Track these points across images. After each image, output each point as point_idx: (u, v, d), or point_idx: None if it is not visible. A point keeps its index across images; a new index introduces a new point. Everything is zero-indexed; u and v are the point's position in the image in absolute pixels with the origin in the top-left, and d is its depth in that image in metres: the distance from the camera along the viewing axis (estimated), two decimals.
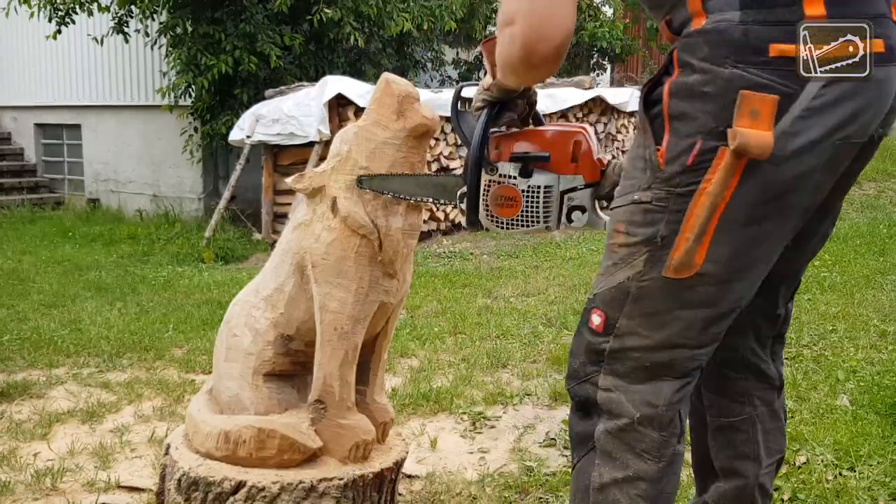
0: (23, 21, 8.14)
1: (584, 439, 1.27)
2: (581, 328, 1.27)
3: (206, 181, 8.29)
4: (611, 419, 1.22)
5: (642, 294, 1.18)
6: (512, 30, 1.15)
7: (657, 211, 1.14)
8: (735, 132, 1.04)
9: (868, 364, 3.20)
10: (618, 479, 1.21)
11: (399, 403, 2.79)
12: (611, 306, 1.21)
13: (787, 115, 1.05)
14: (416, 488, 2.17)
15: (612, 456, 1.22)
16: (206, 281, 5.27)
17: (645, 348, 1.20)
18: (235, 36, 6.82)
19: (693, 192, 1.10)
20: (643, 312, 1.19)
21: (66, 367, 3.27)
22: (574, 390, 1.28)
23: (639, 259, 1.16)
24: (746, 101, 1.04)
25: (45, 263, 5.87)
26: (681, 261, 1.13)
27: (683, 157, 1.10)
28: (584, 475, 1.26)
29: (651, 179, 1.14)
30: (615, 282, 1.20)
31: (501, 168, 1.39)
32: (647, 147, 1.14)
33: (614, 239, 1.20)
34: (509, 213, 1.40)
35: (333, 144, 1.74)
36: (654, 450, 1.21)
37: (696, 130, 1.09)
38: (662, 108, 1.12)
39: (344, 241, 1.67)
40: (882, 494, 2.09)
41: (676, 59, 1.12)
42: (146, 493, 2.12)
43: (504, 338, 3.74)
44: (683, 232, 1.12)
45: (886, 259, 5.49)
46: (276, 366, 1.78)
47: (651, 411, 1.20)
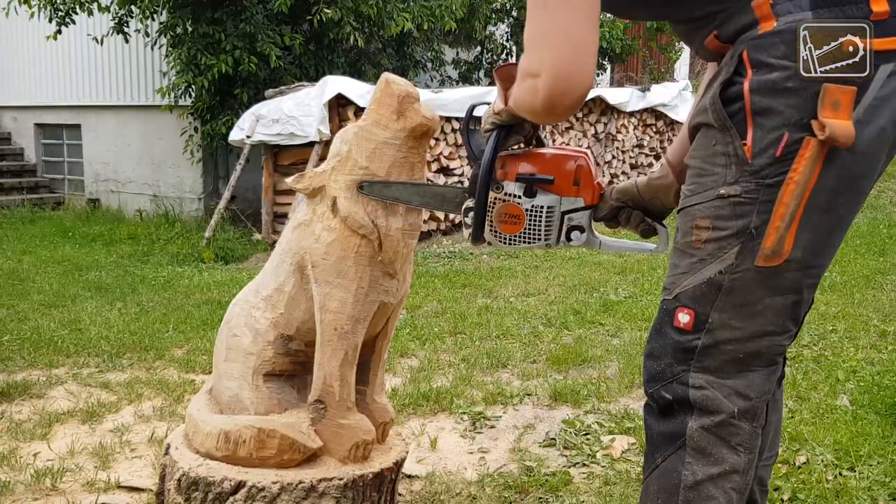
0: (23, 21, 8.14)
1: (668, 438, 1.27)
2: (662, 329, 1.28)
3: (206, 181, 8.29)
4: (705, 416, 1.24)
5: (735, 286, 1.21)
6: (536, 82, 1.20)
7: (747, 203, 1.18)
8: (822, 123, 1.11)
9: (868, 364, 3.20)
10: (713, 475, 1.23)
11: (399, 403, 2.79)
12: (700, 302, 1.23)
13: (861, 105, 1.12)
14: (416, 488, 2.17)
15: (707, 452, 1.24)
16: (206, 281, 5.27)
17: (737, 340, 1.22)
18: (235, 36, 6.82)
19: (781, 182, 1.15)
20: (735, 304, 1.21)
21: (66, 367, 3.27)
22: (658, 392, 1.28)
23: (730, 252, 1.20)
24: (829, 93, 1.11)
25: (45, 263, 5.87)
26: (773, 249, 1.18)
27: (772, 149, 1.15)
28: (670, 474, 1.26)
29: (738, 173, 1.18)
30: (704, 277, 1.22)
31: (507, 187, 1.46)
32: (730, 143, 1.18)
33: (696, 236, 1.23)
34: (513, 229, 1.47)
35: (333, 144, 1.74)
36: (748, 442, 1.24)
37: (782, 123, 1.14)
38: (744, 105, 1.16)
39: (344, 241, 1.67)
40: (882, 494, 2.09)
41: (748, 60, 1.16)
42: (146, 493, 2.12)
43: (504, 338, 3.74)
44: (774, 221, 1.17)
45: (886, 259, 5.49)
46: (276, 366, 1.78)
47: (746, 404, 1.24)
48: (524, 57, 1.23)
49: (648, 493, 1.31)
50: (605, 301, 4.42)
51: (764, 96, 1.15)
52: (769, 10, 1.15)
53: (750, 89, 1.15)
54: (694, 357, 1.24)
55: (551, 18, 1.17)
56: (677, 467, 1.25)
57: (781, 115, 1.14)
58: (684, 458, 1.25)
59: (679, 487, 1.25)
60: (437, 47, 9.11)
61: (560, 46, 1.17)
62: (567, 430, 2.59)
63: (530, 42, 1.21)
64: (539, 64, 1.19)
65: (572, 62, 1.17)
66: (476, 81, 10.08)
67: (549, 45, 1.18)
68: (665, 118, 9.27)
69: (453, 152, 6.90)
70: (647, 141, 9.27)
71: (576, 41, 1.17)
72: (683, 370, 1.25)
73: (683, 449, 1.25)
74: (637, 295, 4.60)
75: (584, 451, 2.42)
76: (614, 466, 2.31)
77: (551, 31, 1.18)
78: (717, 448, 1.24)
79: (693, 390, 1.24)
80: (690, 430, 1.24)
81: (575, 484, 2.20)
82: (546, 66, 1.18)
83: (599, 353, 3.44)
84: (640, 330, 3.83)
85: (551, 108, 1.21)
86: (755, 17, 1.17)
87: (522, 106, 1.29)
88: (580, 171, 1.46)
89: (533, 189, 1.44)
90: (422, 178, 1.74)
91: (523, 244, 1.47)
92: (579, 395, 2.88)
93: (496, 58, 10.27)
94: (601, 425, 2.63)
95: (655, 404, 1.30)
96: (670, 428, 1.27)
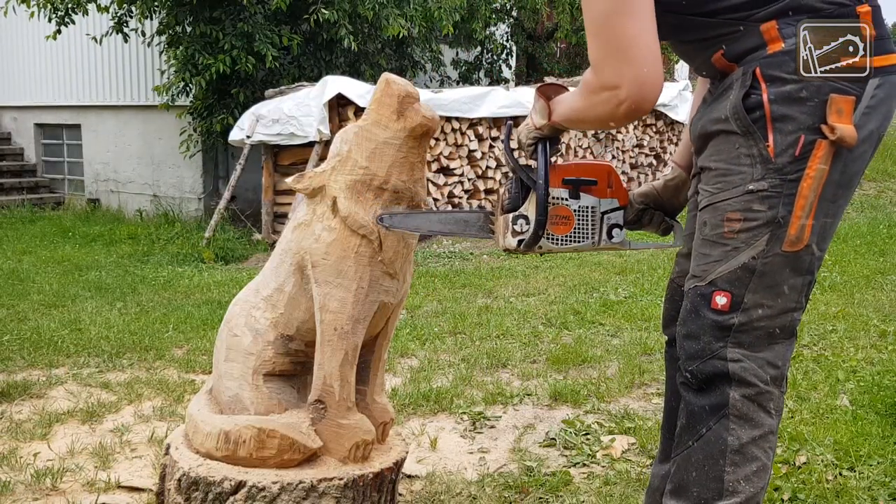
0: (23, 21, 8.14)
1: (712, 410, 1.41)
2: (699, 311, 1.42)
3: (206, 181, 8.30)
4: (744, 386, 1.39)
5: (766, 269, 1.37)
6: (616, 94, 1.32)
7: (774, 196, 1.34)
8: (832, 127, 1.29)
9: (868, 364, 3.20)
10: (755, 437, 1.39)
11: (399, 403, 2.79)
12: (736, 285, 1.38)
13: (857, 112, 1.31)
14: (416, 488, 2.17)
15: (749, 417, 1.39)
16: (206, 281, 5.27)
17: (768, 317, 1.39)
18: (234, 35, 6.82)
19: (801, 177, 1.33)
20: (766, 285, 1.38)
21: (66, 367, 3.27)
22: (699, 368, 1.42)
23: (761, 239, 1.36)
24: (835, 102, 1.30)
25: (45, 263, 5.87)
26: (797, 236, 1.35)
27: (791, 149, 1.32)
28: (716, 442, 1.40)
29: (763, 171, 1.34)
30: (739, 263, 1.38)
31: (553, 192, 1.59)
32: (754, 146, 1.34)
33: (728, 227, 1.38)
34: (564, 230, 1.60)
35: (333, 144, 1.74)
36: (779, 405, 1.43)
37: (798, 128, 1.31)
38: (765, 114, 1.32)
39: (344, 241, 1.67)
40: (882, 494, 2.09)
41: (762, 76, 1.32)
42: (146, 493, 2.12)
43: (504, 338, 3.74)
44: (796, 211, 1.34)
45: (886, 259, 5.49)
46: (276, 366, 1.78)
47: (776, 372, 1.41)
48: (595, 72, 1.35)
49: (691, 463, 1.43)
50: (605, 301, 4.42)
51: (781, 105, 1.31)
52: (777, 33, 1.30)
53: (769, 100, 1.32)
54: (731, 334, 1.39)
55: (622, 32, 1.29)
56: (722, 434, 1.39)
57: (797, 120, 1.31)
58: (728, 426, 1.39)
59: (726, 452, 1.39)
60: (435, 48, 9.11)
61: (638, 59, 1.30)
62: (567, 430, 2.59)
63: (604, 57, 1.33)
64: (619, 77, 1.31)
65: (651, 72, 1.31)
66: (476, 81, 10.07)
67: (627, 58, 1.30)
68: (665, 118, 9.27)
69: (453, 152, 6.90)
70: (647, 140, 9.27)
71: (648, 51, 1.30)
72: (721, 346, 1.40)
73: (727, 418, 1.40)
74: (637, 295, 4.60)
75: (584, 451, 2.42)
76: (614, 466, 2.31)
77: (626, 45, 1.30)
78: (757, 413, 1.39)
79: (732, 364, 1.39)
80: (733, 399, 1.39)
81: (575, 484, 2.20)
82: (627, 78, 1.30)
83: (599, 353, 3.44)
84: (640, 330, 3.83)
85: (632, 115, 1.36)
86: (763, 40, 1.32)
87: (596, 117, 1.42)
88: (612, 175, 1.63)
89: (578, 191, 1.59)
90: (422, 178, 1.74)
91: (574, 244, 1.61)
92: (579, 395, 2.88)
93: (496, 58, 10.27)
94: (601, 425, 2.63)
95: (695, 380, 1.43)
96: (712, 400, 1.41)
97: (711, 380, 1.41)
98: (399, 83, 1.67)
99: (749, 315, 1.38)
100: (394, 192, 1.69)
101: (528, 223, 1.58)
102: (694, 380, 1.43)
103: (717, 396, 1.41)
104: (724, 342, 1.39)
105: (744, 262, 1.37)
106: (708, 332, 1.41)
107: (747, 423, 1.40)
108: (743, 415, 1.40)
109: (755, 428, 1.40)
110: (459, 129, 6.89)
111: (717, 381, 1.41)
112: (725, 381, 1.40)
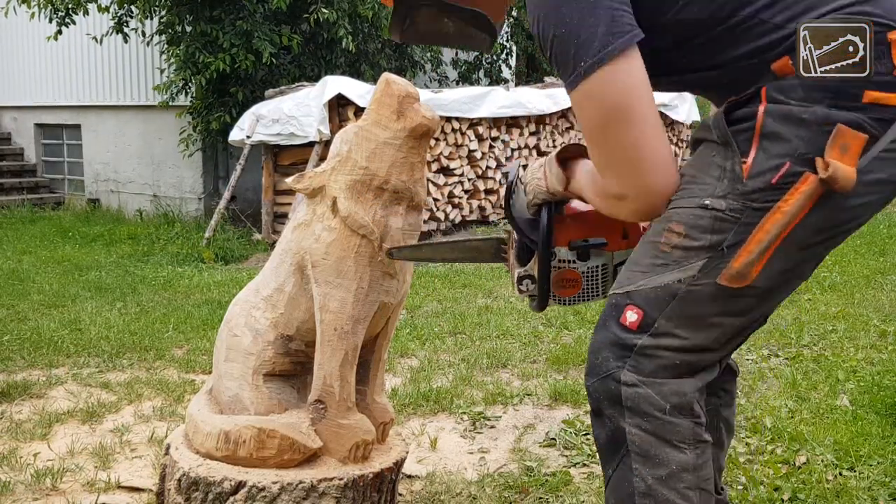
0: (23, 21, 8.14)
1: (612, 449, 1.26)
2: (607, 323, 1.27)
3: (206, 181, 8.29)
4: (638, 416, 1.22)
5: (690, 297, 1.20)
6: (624, 203, 1.24)
7: (729, 221, 1.17)
8: (827, 162, 1.10)
9: (868, 364, 3.20)
10: (662, 477, 1.21)
11: (399, 403, 2.79)
12: (651, 305, 1.22)
13: (868, 154, 1.12)
14: (416, 488, 2.17)
15: (650, 454, 1.21)
16: (206, 281, 5.27)
17: (678, 349, 1.22)
18: (233, 34, 6.82)
19: (769, 208, 1.15)
20: (685, 315, 1.21)
21: (66, 367, 3.27)
22: (594, 387, 1.26)
23: (695, 263, 1.19)
24: (841, 134, 1.11)
25: (45, 263, 5.87)
26: (739, 271, 1.17)
27: (770, 174, 1.14)
28: (623, 484, 1.24)
29: (728, 189, 1.17)
30: (661, 282, 1.21)
31: (559, 253, 1.45)
32: (730, 158, 1.18)
33: (666, 238, 1.22)
34: (571, 292, 1.47)
35: (333, 144, 1.74)
36: (690, 437, 1.22)
37: (786, 153, 1.14)
38: (755, 125, 1.16)
39: (344, 241, 1.67)
40: (882, 494, 2.09)
41: (766, 95, 1.16)
42: (146, 493, 2.12)
43: (504, 338, 3.74)
44: (749, 244, 1.16)
45: (886, 259, 5.49)
46: (276, 366, 1.78)
47: (679, 400, 1.22)
48: (605, 179, 1.25)
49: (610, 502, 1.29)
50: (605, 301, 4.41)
51: (776, 120, 1.14)
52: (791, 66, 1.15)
53: (765, 112, 1.15)
54: (631, 355, 1.22)
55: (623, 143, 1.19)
56: (627, 476, 1.23)
57: (789, 143, 1.13)
58: (631, 465, 1.22)
59: (634, 496, 1.23)
60: (435, 48, 9.11)
61: (642, 168, 1.20)
62: (567, 430, 2.59)
63: (608, 167, 1.23)
64: (624, 188, 1.22)
65: (658, 179, 1.20)
66: (476, 81, 10.07)
67: (631, 169, 1.20)
68: (665, 118, 9.27)
69: (453, 152, 6.90)
70: None
71: (655, 156, 1.20)
72: (618, 366, 1.23)
73: (629, 456, 1.23)
74: None
75: (584, 451, 2.42)
76: None
77: (628, 156, 1.19)
78: (660, 449, 1.21)
79: (625, 388, 1.22)
80: (630, 433, 1.22)
81: (575, 484, 2.20)
82: (633, 190, 1.22)
83: None
84: None
85: (645, 219, 1.26)
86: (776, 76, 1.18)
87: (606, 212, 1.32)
88: (628, 223, 1.44)
89: (587, 253, 1.44)
90: (422, 178, 1.74)
91: (582, 301, 1.48)
92: (579, 395, 2.88)
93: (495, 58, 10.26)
94: None
95: (591, 399, 1.28)
96: (609, 433, 1.25)
97: (605, 402, 1.25)
98: (399, 83, 1.67)
99: (657, 341, 1.21)
100: (394, 192, 1.69)
101: (534, 283, 1.47)
102: (591, 399, 1.28)
103: (613, 428, 1.24)
104: (623, 362, 1.22)
105: (667, 283, 1.20)
106: (608, 348, 1.25)
107: (649, 461, 1.21)
108: (643, 452, 1.21)
109: (660, 466, 1.20)
110: (459, 129, 6.89)
111: (611, 405, 1.24)
112: (619, 409, 1.23)
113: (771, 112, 1.15)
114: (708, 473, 1.25)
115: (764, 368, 3.19)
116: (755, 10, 1.17)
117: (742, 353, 3.40)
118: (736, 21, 1.18)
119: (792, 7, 1.16)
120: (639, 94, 1.19)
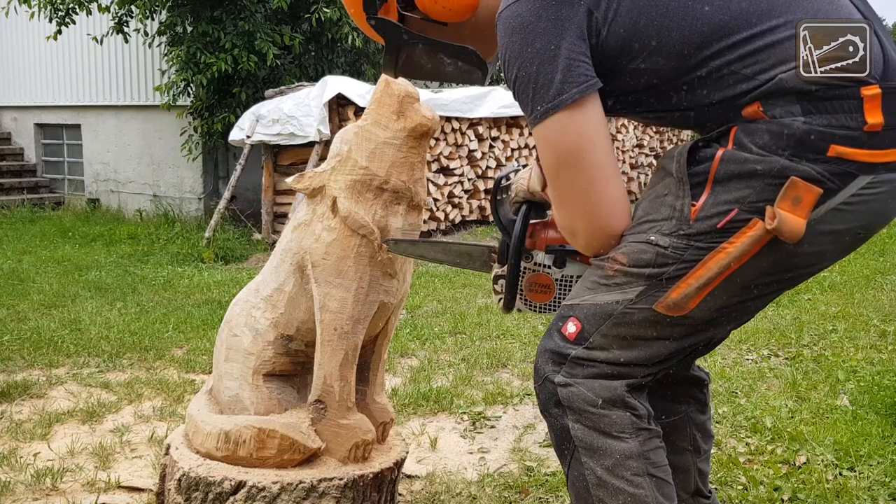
0: (23, 21, 8.14)
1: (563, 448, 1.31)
2: (551, 331, 1.33)
3: (206, 181, 8.29)
4: (576, 413, 1.28)
5: (625, 319, 1.25)
6: (575, 239, 1.30)
7: (671, 257, 1.21)
8: (775, 213, 1.13)
9: (868, 364, 3.20)
10: (609, 467, 1.27)
11: (399, 403, 2.79)
12: (590, 321, 1.28)
13: (823, 206, 1.14)
14: (416, 488, 2.17)
15: (594, 446, 1.28)
16: (206, 281, 5.27)
17: (610, 362, 1.28)
18: (235, 34, 6.82)
19: (712, 248, 1.18)
20: (619, 334, 1.26)
21: (66, 367, 3.27)
22: (538, 390, 1.33)
23: (634, 288, 1.24)
24: (793, 187, 1.13)
25: (45, 263, 5.87)
26: (676, 302, 1.21)
27: (716, 219, 1.17)
28: (578, 480, 1.30)
29: (674, 228, 1.20)
30: (601, 301, 1.27)
31: (536, 256, 1.46)
32: (681, 199, 1.21)
33: (610, 262, 1.27)
34: (543, 298, 1.47)
35: (333, 144, 1.74)
36: (629, 427, 1.28)
37: (736, 199, 1.16)
38: (710, 169, 1.18)
39: (344, 241, 1.67)
40: (882, 494, 2.09)
41: (734, 138, 1.18)
42: (146, 493, 2.12)
43: (504, 338, 3.74)
44: (688, 278, 1.20)
45: (886, 259, 5.49)
46: (276, 366, 1.78)
47: (610, 394, 1.28)
48: (557, 214, 1.30)
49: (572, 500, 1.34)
50: None
51: (730, 168, 1.17)
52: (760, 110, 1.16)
53: (721, 157, 1.17)
54: (565, 363, 1.29)
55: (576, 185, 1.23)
56: (580, 470, 1.29)
57: (739, 191, 1.16)
58: (581, 459, 1.29)
59: (589, 488, 1.29)
60: None
61: (592, 214, 1.24)
62: None
63: (561, 205, 1.28)
64: (574, 226, 1.28)
65: (608, 224, 1.25)
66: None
67: (581, 211, 1.25)
68: None
69: (453, 152, 6.90)
70: (647, 141, 9.27)
71: (604, 204, 1.24)
72: (554, 371, 1.30)
73: (577, 451, 1.29)
74: None
75: None
76: None
77: (580, 199, 1.24)
78: (601, 441, 1.27)
79: (561, 388, 1.29)
80: (573, 429, 1.29)
81: None
82: (581, 228, 1.27)
83: None
84: None
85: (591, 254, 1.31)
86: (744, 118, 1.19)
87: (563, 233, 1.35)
88: None
89: (563, 259, 1.44)
90: (422, 178, 1.74)
91: (552, 311, 1.46)
92: None
93: None
94: None
95: (539, 402, 1.34)
96: (557, 432, 1.31)
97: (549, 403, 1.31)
98: (399, 83, 1.67)
99: (590, 353, 1.28)
100: (394, 192, 1.69)
101: None
102: (538, 401, 1.34)
103: (559, 426, 1.31)
104: (558, 368, 1.29)
105: (606, 302, 1.26)
106: (548, 354, 1.31)
107: (595, 453, 1.27)
108: (587, 445, 1.28)
109: (605, 457, 1.27)
110: (459, 129, 6.90)
111: (554, 405, 1.31)
112: (561, 408, 1.30)
113: (726, 159, 1.17)
114: (659, 461, 1.30)
115: (764, 368, 3.19)
116: (725, 62, 1.17)
117: (742, 353, 3.40)
118: (706, 71, 1.19)
119: (763, 61, 1.16)
120: (592, 141, 1.21)
